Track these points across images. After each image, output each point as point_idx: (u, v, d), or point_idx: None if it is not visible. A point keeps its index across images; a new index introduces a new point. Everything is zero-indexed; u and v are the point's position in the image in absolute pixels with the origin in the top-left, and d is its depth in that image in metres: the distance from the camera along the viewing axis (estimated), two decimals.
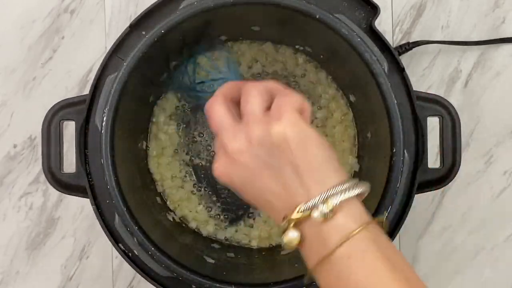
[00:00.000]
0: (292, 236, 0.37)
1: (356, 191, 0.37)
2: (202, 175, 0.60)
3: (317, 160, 0.37)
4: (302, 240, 0.37)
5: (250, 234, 0.59)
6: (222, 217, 0.60)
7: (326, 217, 0.36)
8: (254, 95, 0.39)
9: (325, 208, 0.36)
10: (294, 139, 0.37)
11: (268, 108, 0.39)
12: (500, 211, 0.63)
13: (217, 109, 0.40)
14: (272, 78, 0.60)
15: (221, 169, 0.39)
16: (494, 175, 0.63)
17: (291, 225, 0.37)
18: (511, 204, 0.63)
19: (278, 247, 0.59)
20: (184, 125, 0.60)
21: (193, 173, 0.60)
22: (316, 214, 0.36)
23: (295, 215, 0.36)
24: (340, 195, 0.36)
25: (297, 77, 0.60)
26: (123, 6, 0.64)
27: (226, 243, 0.59)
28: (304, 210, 0.36)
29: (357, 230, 0.35)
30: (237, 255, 0.58)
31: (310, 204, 0.36)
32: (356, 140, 0.60)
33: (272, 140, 0.37)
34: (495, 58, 0.63)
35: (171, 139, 0.60)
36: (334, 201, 0.36)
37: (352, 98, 0.59)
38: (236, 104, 0.41)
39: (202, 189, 0.60)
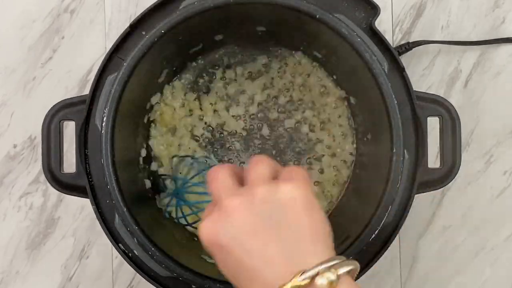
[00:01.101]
0: None
1: (354, 265, 0.34)
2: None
3: (322, 228, 0.35)
4: None
5: None
6: None
7: (333, 285, 0.33)
8: (262, 163, 0.38)
9: (332, 276, 0.33)
10: (303, 200, 0.35)
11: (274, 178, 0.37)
12: (500, 211, 0.63)
13: (222, 172, 0.38)
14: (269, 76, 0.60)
15: (208, 225, 0.36)
16: (494, 175, 0.63)
17: None
18: (511, 204, 0.63)
19: None
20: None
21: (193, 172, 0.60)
22: (321, 280, 0.33)
23: (298, 281, 0.33)
24: (344, 266, 0.34)
25: (297, 78, 0.60)
26: (123, 6, 0.64)
27: None
28: (308, 276, 0.33)
29: None
30: None
31: (317, 269, 0.33)
32: (355, 142, 0.60)
33: (278, 198, 0.35)
34: (495, 58, 0.63)
35: (171, 138, 0.60)
36: (340, 270, 0.33)
37: (352, 100, 0.59)
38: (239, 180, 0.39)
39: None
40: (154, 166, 0.59)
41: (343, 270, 0.34)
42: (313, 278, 0.33)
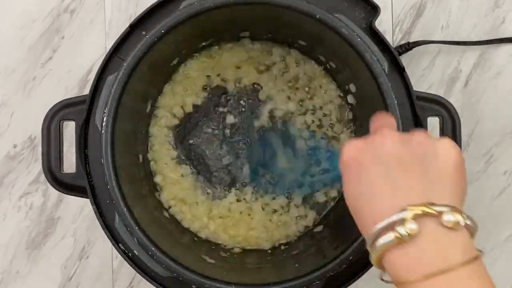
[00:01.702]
0: (411, 227, 0.34)
1: (476, 226, 0.36)
2: (205, 175, 0.60)
3: (461, 187, 0.37)
4: (412, 240, 0.35)
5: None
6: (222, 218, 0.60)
7: (456, 226, 0.35)
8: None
9: (460, 218, 0.35)
10: (457, 159, 0.37)
11: None
12: (500, 211, 0.63)
13: (390, 116, 0.42)
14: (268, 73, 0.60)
15: (359, 142, 0.39)
16: (494, 175, 0.63)
17: (411, 214, 0.35)
18: (511, 204, 0.63)
19: (278, 248, 0.59)
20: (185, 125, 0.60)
21: (194, 172, 0.60)
22: (447, 217, 0.35)
23: (428, 208, 0.35)
24: (469, 219, 0.36)
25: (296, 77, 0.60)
26: (123, 6, 0.64)
27: (225, 245, 0.59)
28: (437, 209, 0.35)
29: (477, 254, 0.35)
30: (237, 256, 0.58)
31: (447, 208, 0.35)
32: None
33: (436, 147, 0.37)
34: (495, 58, 0.63)
35: (171, 138, 0.60)
36: (468, 221, 0.35)
37: (352, 100, 0.58)
38: None
39: (205, 188, 0.60)
40: (153, 166, 0.59)
41: (469, 221, 0.35)
42: (440, 213, 0.35)
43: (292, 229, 0.59)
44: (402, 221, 0.35)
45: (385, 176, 0.37)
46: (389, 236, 0.35)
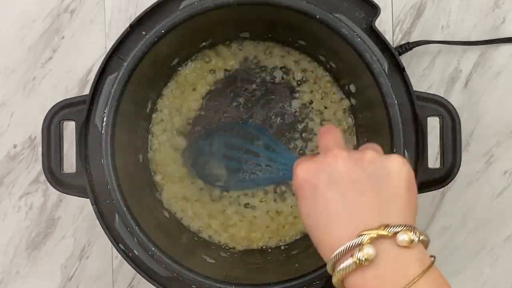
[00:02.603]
0: (368, 251, 0.35)
1: (428, 239, 0.38)
2: (206, 172, 0.60)
3: (413, 205, 0.38)
4: (371, 263, 0.35)
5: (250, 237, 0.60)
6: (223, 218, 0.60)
7: (411, 244, 0.36)
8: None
9: (414, 236, 0.36)
10: (407, 177, 0.38)
11: None
12: (500, 211, 0.63)
13: (336, 129, 0.42)
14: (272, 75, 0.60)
15: (310, 164, 0.39)
16: (494, 175, 0.63)
17: (367, 239, 0.35)
18: (511, 204, 0.63)
19: (278, 248, 0.59)
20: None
21: (196, 170, 0.60)
22: (402, 237, 0.36)
23: (383, 231, 0.36)
24: (423, 235, 0.37)
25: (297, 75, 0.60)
26: (123, 6, 0.64)
27: (225, 244, 0.59)
28: (392, 231, 0.36)
29: (432, 264, 0.36)
30: (237, 256, 0.58)
31: (401, 228, 0.36)
32: (356, 144, 0.60)
33: (386, 166, 0.38)
34: (495, 58, 0.63)
35: (171, 139, 0.60)
36: (421, 236, 0.36)
37: (352, 101, 0.59)
38: None
39: (206, 186, 0.60)
40: (153, 166, 0.59)
41: (422, 236, 0.36)
42: (395, 233, 0.36)
43: (296, 228, 0.59)
44: (359, 246, 0.35)
45: (340, 199, 0.37)
46: (348, 261, 0.36)
